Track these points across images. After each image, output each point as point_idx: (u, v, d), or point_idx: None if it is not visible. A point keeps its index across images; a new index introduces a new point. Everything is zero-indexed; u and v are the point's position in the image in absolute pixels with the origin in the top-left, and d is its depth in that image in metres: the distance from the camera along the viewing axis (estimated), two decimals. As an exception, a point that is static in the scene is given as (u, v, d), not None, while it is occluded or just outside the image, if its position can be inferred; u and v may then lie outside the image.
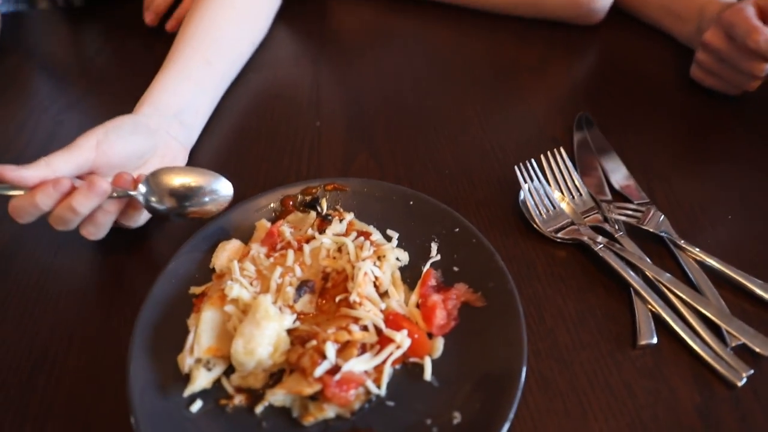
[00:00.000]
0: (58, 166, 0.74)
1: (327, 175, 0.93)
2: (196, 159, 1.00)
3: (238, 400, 0.67)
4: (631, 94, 1.17)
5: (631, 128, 1.07)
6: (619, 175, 0.96)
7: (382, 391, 0.66)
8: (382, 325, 0.69)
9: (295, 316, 0.71)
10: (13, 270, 0.85)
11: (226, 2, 1.12)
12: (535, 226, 0.87)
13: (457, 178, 0.97)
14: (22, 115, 1.16)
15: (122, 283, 0.83)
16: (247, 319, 0.67)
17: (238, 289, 0.70)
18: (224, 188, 0.81)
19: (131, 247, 0.87)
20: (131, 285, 0.82)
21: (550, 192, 0.90)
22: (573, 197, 0.91)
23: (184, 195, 0.79)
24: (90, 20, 1.45)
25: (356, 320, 0.69)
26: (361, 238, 0.77)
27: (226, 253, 0.78)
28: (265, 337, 0.66)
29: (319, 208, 0.85)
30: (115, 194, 0.75)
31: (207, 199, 0.80)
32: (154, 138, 0.87)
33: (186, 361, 0.66)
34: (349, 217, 0.82)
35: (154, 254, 0.85)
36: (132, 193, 0.77)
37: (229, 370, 0.69)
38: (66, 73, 1.29)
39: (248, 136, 1.07)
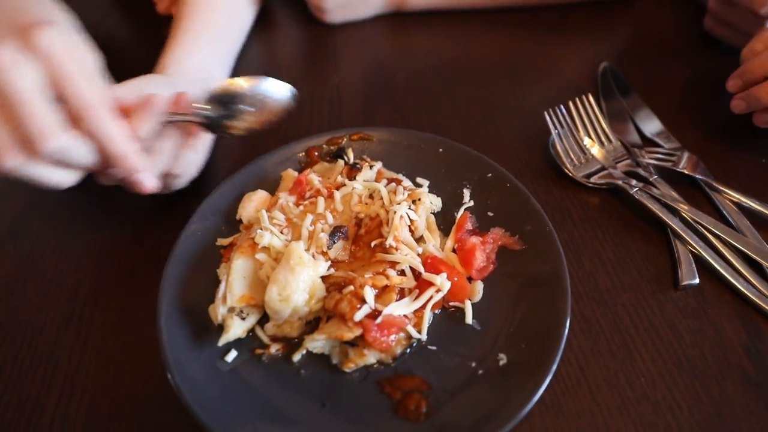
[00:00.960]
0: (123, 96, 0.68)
1: (350, 127, 0.90)
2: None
3: (275, 348, 0.65)
4: (650, 47, 1.14)
5: (653, 79, 1.05)
6: (647, 121, 0.94)
7: (423, 336, 0.64)
8: (421, 268, 0.67)
9: (329, 262, 0.68)
10: (32, 232, 0.83)
11: None
12: (567, 171, 0.84)
13: (484, 128, 0.95)
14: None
15: (143, 241, 0.80)
16: (281, 266, 0.64)
17: (269, 237, 0.68)
18: (278, 90, 0.75)
19: (152, 204, 0.84)
20: (155, 241, 0.80)
21: (580, 138, 0.87)
22: (603, 143, 0.88)
23: (228, 101, 0.72)
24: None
25: (393, 265, 0.67)
26: (393, 184, 0.75)
27: (253, 203, 0.76)
28: (300, 283, 0.63)
29: (345, 158, 0.82)
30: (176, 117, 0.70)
31: (259, 101, 0.73)
32: None
33: (219, 311, 0.64)
34: (378, 165, 0.80)
35: (176, 211, 0.83)
36: (188, 117, 0.70)
37: (263, 319, 0.67)
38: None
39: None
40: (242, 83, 0.73)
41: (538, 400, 0.57)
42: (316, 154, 0.83)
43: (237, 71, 1.07)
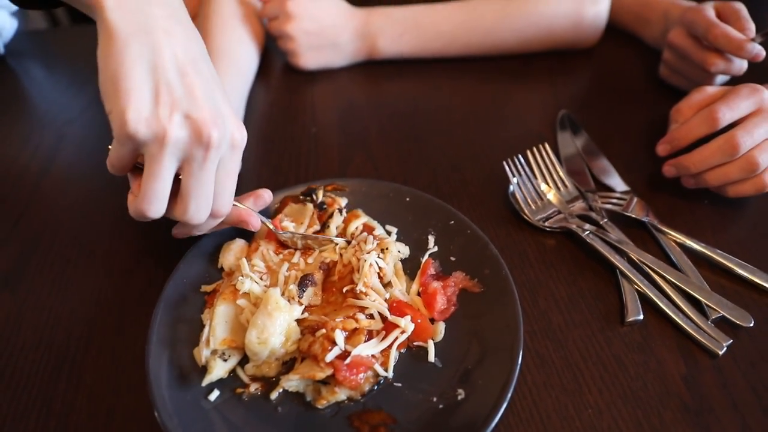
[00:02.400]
0: None
1: (325, 178, 0.97)
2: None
3: (254, 387, 0.71)
4: (608, 93, 1.24)
5: (610, 125, 1.13)
6: (601, 167, 1.02)
7: (390, 374, 0.71)
8: (387, 313, 0.73)
9: (303, 306, 0.75)
10: (27, 278, 0.88)
11: (230, 23, 1.17)
12: (524, 216, 0.92)
13: (450, 176, 1.02)
14: (26, 129, 1.19)
15: (134, 287, 0.86)
16: (259, 311, 0.71)
17: (249, 284, 0.74)
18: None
19: (140, 253, 0.90)
20: (143, 288, 0.86)
21: (537, 184, 0.95)
22: (559, 189, 0.96)
23: None
24: (92, 35, 1.49)
25: (363, 309, 0.73)
26: (365, 233, 0.82)
27: (232, 252, 0.82)
28: (277, 327, 0.70)
29: (314, 196, 0.89)
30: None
31: None
32: None
33: (202, 353, 0.70)
34: (344, 202, 0.87)
35: (163, 257, 0.89)
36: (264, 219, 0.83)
37: (244, 360, 0.73)
38: (68, 88, 1.32)
39: (246, 146, 1.11)
40: None
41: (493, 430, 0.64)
42: (291, 204, 0.90)
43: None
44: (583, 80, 1.30)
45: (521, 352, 0.69)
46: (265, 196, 0.82)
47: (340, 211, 0.85)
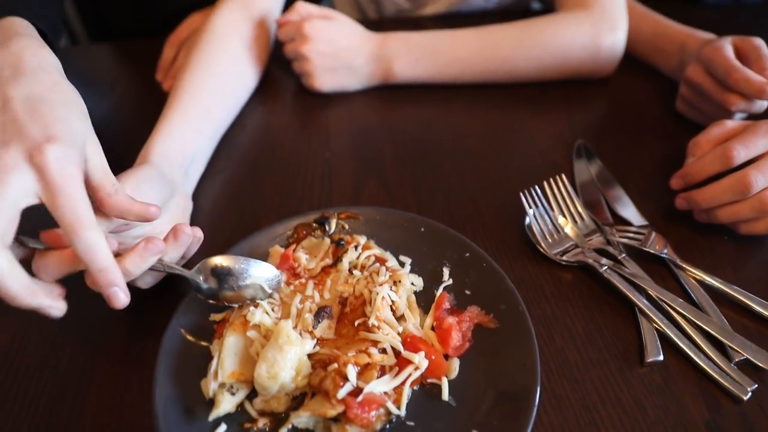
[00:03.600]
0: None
1: (338, 204, 0.96)
2: (209, 192, 1.03)
3: (262, 423, 0.69)
4: (624, 123, 1.22)
5: (627, 156, 1.12)
6: (618, 199, 1.00)
7: (402, 412, 0.68)
8: (401, 347, 0.71)
9: (315, 340, 0.73)
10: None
11: (221, 48, 1.15)
12: (541, 250, 0.90)
13: (464, 205, 1.01)
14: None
15: (142, 313, 0.85)
16: (270, 345, 0.69)
17: (260, 315, 0.73)
18: (273, 274, 0.79)
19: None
20: (151, 316, 0.84)
21: (555, 217, 0.93)
22: (576, 222, 0.94)
23: (231, 273, 0.76)
24: (110, 53, 1.51)
25: (375, 343, 0.72)
26: (377, 264, 0.80)
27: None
28: (288, 361, 0.68)
29: (327, 227, 0.88)
30: (164, 267, 0.74)
31: (257, 276, 0.77)
32: (173, 188, 0.88)
33: (210, 386, 0.68)
34: (363, 240, 0.85)
35: (173, 284, 0.87)
36: (186, 273, 0.75)
37: (252, 394, 0.71)
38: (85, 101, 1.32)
39: (260, 169, 1.11)
40: (238, 262, 0.77)
41: (508, 476, 0.61)
42: (304, 232, 0.88)
43: (231, 143, 1.14)
44: (600, 109, 1.29)
45: (539, 394, 0.67)
46: (187, 232, 0.74)
47: (356, 247, 0.83)
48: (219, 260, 0.77)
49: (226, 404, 0.68)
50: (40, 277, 0.67)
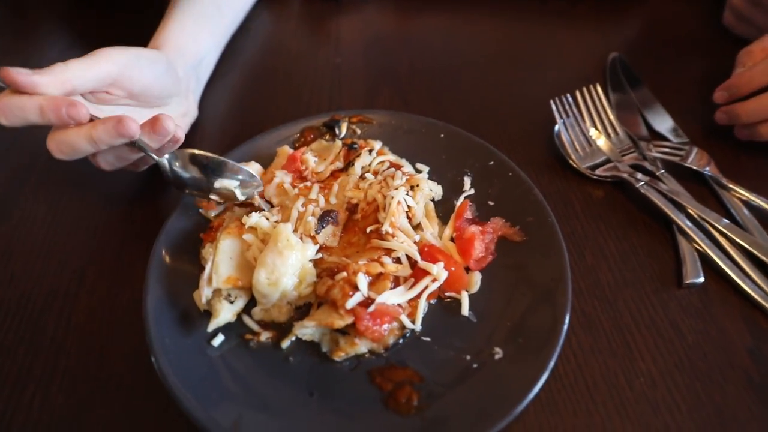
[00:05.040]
0: (75, 75, 0.64)
1: (349, 110, 0.87)
2: (210, 97, 0.94)
3: (265, 337, 0.62)
4: (662, 39, 1.11)
5: (665, 71, 1.02)
6: (656, 114, 0.91)
7: (417, 326, 0.62)
8: (417, 257, 0.64)
9: (317, 246, 0.66)
10: (18, 206, 0.80)
11: None
12: (571, 162, 0.82)
13: (487, 116, 0.92)
14: (26, 52, 1.09)
15: (135, 219, 0.78)
16: (268, 249, 0.62)
17: (257, 218, 0.65)
18: (254, 173, 0.72)
19: (143, 182, 0.82)
20: (145, 220, 0.77)
21: (586, 129, 0.84)
22: (609, 135, 0.86)
23: (208, 167, 0.69)
24: None
25: (389, 252, 0.65)
26: (392, 169, 0.72)
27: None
28: (289, 267, 0.61)
29: (337, 130, 0.79)
30: (141, 145, 0.65)
31: (233, 177, 0.70)
32: (179, 86, 0.80)
33: (203, 292, 0.61)
34: (378, 144, 0.77)
35: (169, 188, 0.80)
36: (155, 157, 0.67)
37: (251, 304, 0.65)
38: (71, 6, 1.22)
39: (264, 74, 1.02)
40: (217, 158, 0.70)
41: (534, 396, 0.55)
42: (312, 135, 0.80)
43: (235, 48, 1.04)
44: (634, 24, 1.17)
45: (568, 312, 0.61)
46: (167, 127, 0.64)
47: (370, 151, 0.75)
48: (199, 152, 0.70)
49: (225, 313, 0.62)
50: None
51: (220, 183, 0.69)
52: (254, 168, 0.74)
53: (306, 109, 0.93)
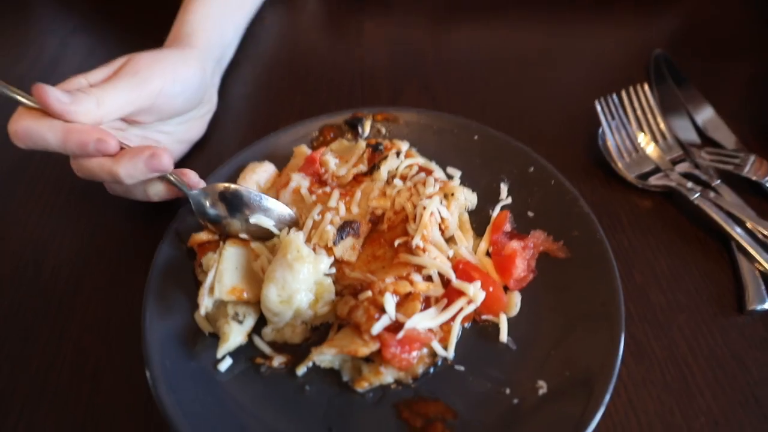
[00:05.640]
0: (109, 112, 0.59)
1: (372, 106, 0.80)
2: (222, 91, 0.87)
3: (278, 362, 0.56)
4: (708, 36, 1.03)
5: (714, 71, 0.94)
6: (707, 118, 0.83)
7: (450, 354, 0.55)
8: (452, 275, 0.57)
9: (332, 259, 0.59)
10: (11, 207, 0.74)
11: None
12: (617, 170, 0.74)
13: (520, 116, 0.85)
14: (27, 38, 1.02)
15: (134, 226, 0.72)
16: (276, 261, 0.55)
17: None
18: (282, 208, 0.63)
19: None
20: (145, 227, 0.71)
21: (633, 133, 0.77)
22: (657, 141, 0.78)
23: (236, 203, 0.62)
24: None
25: (419, 269, 0.58)
26: (422, 174, 0.65)
27: (256, 176, 0.66)
28: (301, 282, 0.54)
29: (360, 129, 0.72)
30: (171, 178, 0.60)
31: (261, 213, 0.62)
32: (205, 92, 0.75)
33: (203, 302, 0.54)
34: (406, 146, 0.70)
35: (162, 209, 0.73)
36: (185, 190, 0.61)
37: (260, 323, 0.58)
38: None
39: (279, 66, 0.95)
40: (251, 193, 0.63)
41: (583, 437, 0.48)
42: (332, 134, 0.73)
43: (257, 39, 0.97)
44: (676, 21, 1.09)
45: (622, 342, 0.53)
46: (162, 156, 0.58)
47: (398, 154, 0.68)
48: (232, 186, 0.62)
49: (236, 336, 0.55)
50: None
51: (256, 219, 0.61)
52: (268, 169, 0.67)
53: (325, 105, 0.86)
